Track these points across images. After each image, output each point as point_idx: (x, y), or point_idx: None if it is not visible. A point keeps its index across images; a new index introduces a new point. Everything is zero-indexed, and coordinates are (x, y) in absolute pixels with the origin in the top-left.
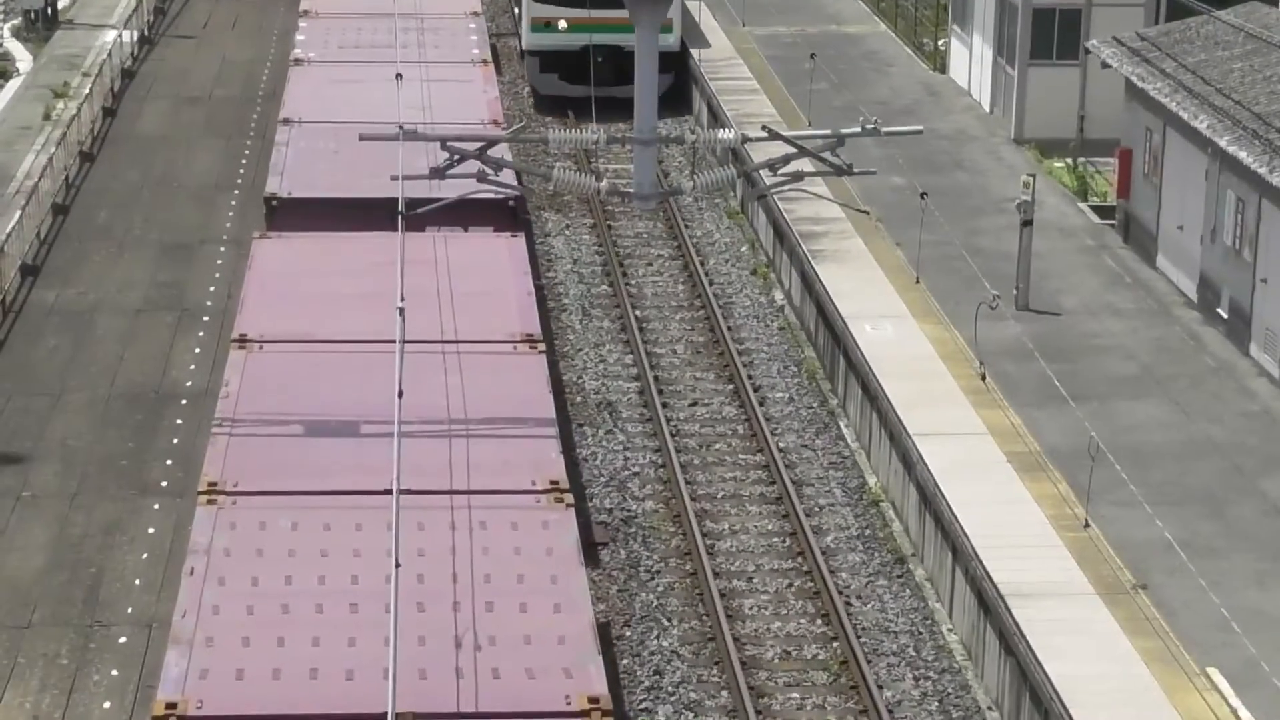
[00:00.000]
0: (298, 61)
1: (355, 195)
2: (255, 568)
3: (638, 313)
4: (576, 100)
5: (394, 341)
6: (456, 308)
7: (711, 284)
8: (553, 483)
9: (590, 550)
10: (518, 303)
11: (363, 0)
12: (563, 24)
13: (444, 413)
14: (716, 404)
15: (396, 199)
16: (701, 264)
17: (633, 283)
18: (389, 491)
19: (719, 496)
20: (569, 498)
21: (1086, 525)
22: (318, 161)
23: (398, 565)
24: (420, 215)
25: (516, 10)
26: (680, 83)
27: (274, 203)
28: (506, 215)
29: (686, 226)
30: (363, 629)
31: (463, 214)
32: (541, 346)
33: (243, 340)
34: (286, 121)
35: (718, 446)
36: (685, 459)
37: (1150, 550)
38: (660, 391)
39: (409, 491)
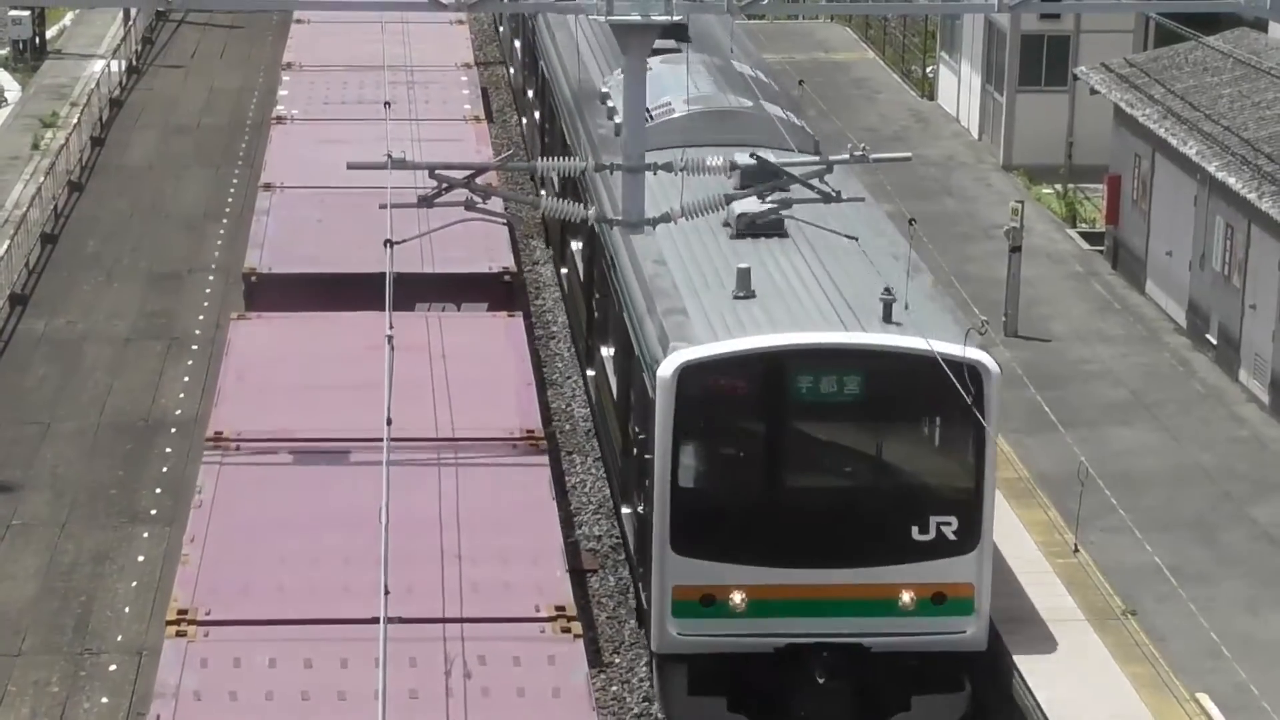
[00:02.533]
0: (279, 120)
1: (342, 270)
2: (228, 715)
3: None
4: None
5: (382, 440)
6: (451, 399)
7: None
8: (558, 609)
9: (579, 576)
10: (517, 394)
11: (350, 52)
12: (738, 598)
13: (436, 523)
14: None
15: (385, 274)
16: None
17: None
18: (376, 620)
19: None
20: (577, 626)
21: (1076, 551)
22: (301, 232)
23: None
24: (412, 282)
25: (617, 496)
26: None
27: (253, 279)
28: (502, 290)
29: None
30: None
31: (456, 289)
32: (544, 444)
33: (218, 439)
34: (268, 187)
35: None
36: None
37: (1140, 576)
38: None
39: (398, 620)
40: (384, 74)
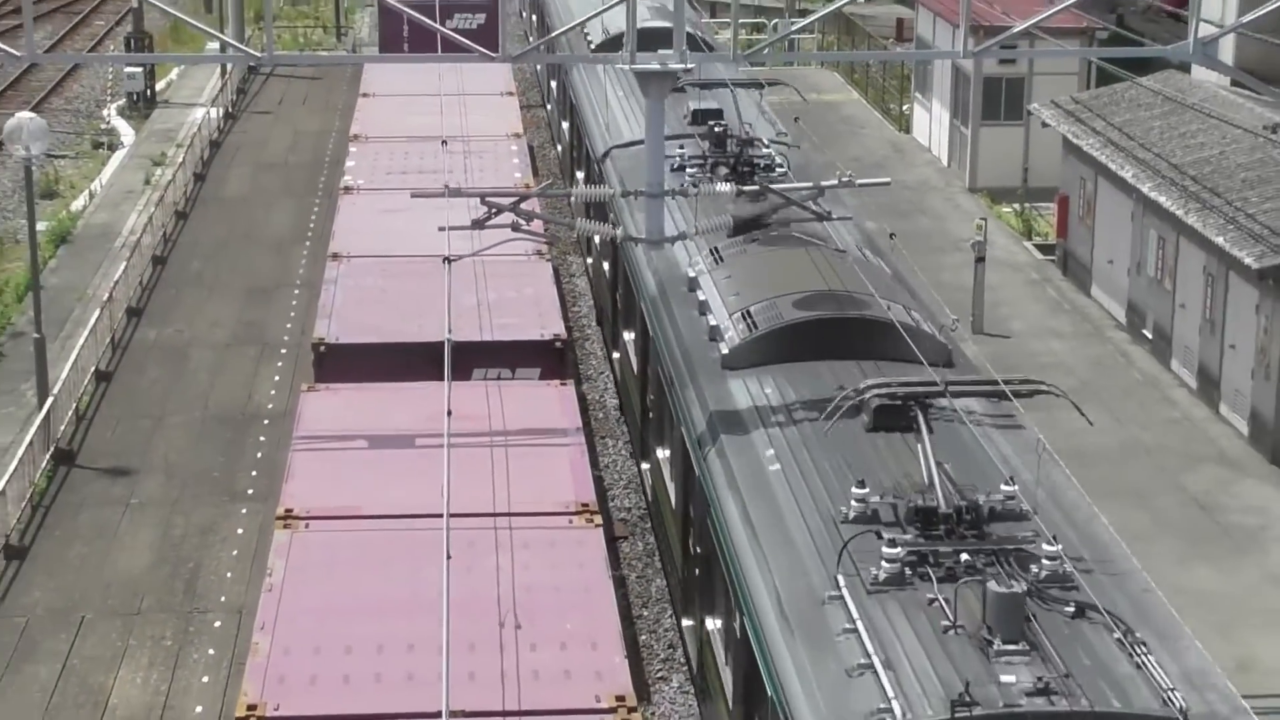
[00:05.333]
0: (347, 190)
1: (405, 340)
2: None
3: None
4: None
5: (442, 516)
6: (510, 471)
7: None
8: (619, 699)
9: (610, 545)
10: (571, 465)
11: (410, 123)
12: None
13: (495, 604)
14: None
15: (445, 342)
16: None
17: None
18: (439, 715)
19: None
20: (637, 718)
21: (1035, 513)
22: (366, 302)
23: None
24: (470, 350)
25: None
26: None
27: (322, 349)
28: (554, 357)
29: None
30: None
31: (510, 355)
32: (598, 519)
33: (288, 517)
34: (335, 256)
35: None
36: None
37: None
38: None
39: (460, 715)
40: (441, 143)
